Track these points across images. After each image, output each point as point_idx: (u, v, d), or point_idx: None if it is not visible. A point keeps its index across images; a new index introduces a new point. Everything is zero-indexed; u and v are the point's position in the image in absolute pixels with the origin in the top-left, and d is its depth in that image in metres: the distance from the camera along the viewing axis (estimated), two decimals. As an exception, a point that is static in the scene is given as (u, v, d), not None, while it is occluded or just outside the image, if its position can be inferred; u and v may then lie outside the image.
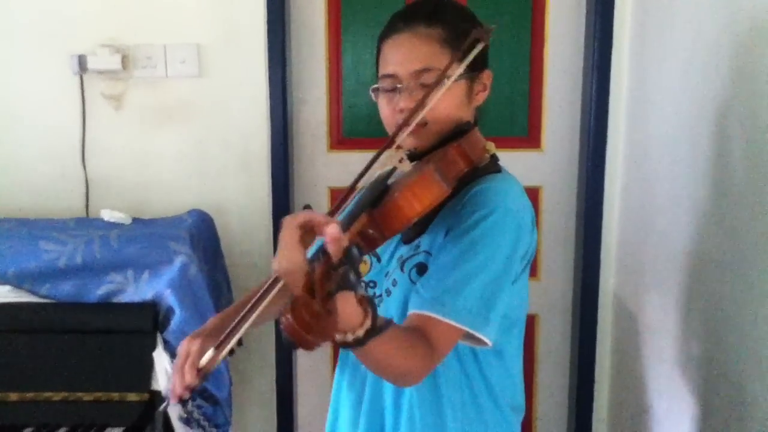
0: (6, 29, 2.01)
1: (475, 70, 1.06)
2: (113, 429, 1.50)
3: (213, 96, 2.04)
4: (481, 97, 1.10)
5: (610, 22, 1.99)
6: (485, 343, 0.94)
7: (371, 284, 1.11)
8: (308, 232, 0.74)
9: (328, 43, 2.11)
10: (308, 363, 2.26)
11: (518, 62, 2.12)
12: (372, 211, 0.87)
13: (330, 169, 2.17)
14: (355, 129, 2.15)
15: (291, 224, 0.73)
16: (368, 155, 1.08)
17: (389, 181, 0.95)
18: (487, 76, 1.10)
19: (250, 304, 0.87)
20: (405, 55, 1.03)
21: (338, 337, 0.74)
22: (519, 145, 2.15)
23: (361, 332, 0.74)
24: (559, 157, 2.16)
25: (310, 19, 2.10)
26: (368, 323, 0.74)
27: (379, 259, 1.11)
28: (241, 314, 0.88)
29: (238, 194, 2.08)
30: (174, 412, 1.58)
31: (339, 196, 1.83)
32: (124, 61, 1.98)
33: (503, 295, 0.96)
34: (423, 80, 1.02)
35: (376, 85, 1.08)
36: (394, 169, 0.96)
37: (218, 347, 0.90)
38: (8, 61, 2.03)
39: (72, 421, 1.52)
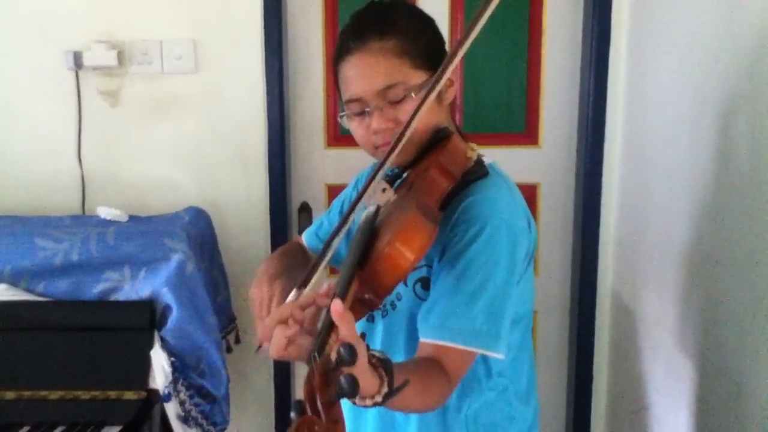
0: (1, 25, 2.00)
1: (437, 68, 1.02)
2: (110, 427, 1.49)
3: (209, 92, 2.03)
4: (450, 94, 1.07)
5: (608, 17, 1.98)
6: (497, 356, 0.94)
7: None
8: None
9: (324, 38, 2.10)
10: (306, 360, 2.25)
11: (516, 58, 2.11)
12: (362, 273, 0.83)
13: (327, 165, 2.16)
14: (352, 125, 2.13)
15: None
16: (365, 152, 1.08)
17: (376, 223, 0.92)
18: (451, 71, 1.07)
19: (327, 241, 0.88)
20: (365, 75, 1.00)
21: (358, 401, 0.73)
22: (517, 142, 2.14)
23: (379, 398, 0.73)
24: (557, 154, 2.15)
25: (307, 14, 2.09)
26: (385, 389, 0.73)
27: None
28: (320, 252, 0.88)
29: (235, 191, 2.08)
30: (172, 410, 1.57)
31: (336, 193, 1.80)
32: (120, 56, 1.97)
33: (509, 306, 0.95)
34: (389, 97, 0.99)
35: (343, 112, 1.05)
36: (378, 209, 0.93)
37: (300, 287, 0.89)
38: (3, 58, 2.02)
39: (69, 419, 1.51)
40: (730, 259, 1.31)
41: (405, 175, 1.05)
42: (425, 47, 1.02)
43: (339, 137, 2.15)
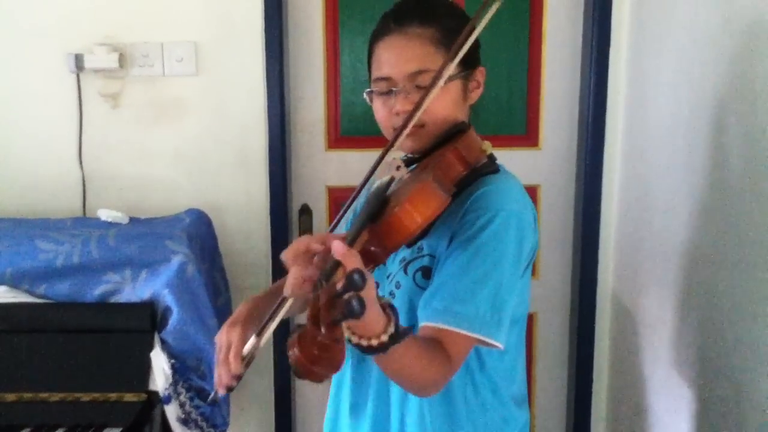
0: (2, 28, 2.00)
1: (468, 67, 1.05)
2: (111, 429, 1.49)
3: (210, 94, 2.03)
4: (475, 95, 1.10)
5: (608, 19, 1.99)
6: (496, 346, 0.95)
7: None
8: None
9: (325, 40, 2.10)
10: (306, 362, 2.25)
11: (516, 60, 2.11)
12: (372, 227, 0.87)
13: (328, 167, 2.16)
14: (352, 127, 2.14)
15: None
16: (366, 154, 1.09)
17: (388, 192, 0.95)
18: (480, 73, 1.09)
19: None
20: (399, 57, 1.03)
21: (363, 342, 0.76)
22: (517, 144, 2.14)
23: (385, 337, 0.76)
24: (557, 156, 2.15)
25: (308, 17, 2.09)
26: (391, 329, 0.76)
27: None
28: (280, 298, 0.88)
29: (235, 193, 2.08)
30: (172, 412, 1.57)
31: (337, 196, 1.82)
32: (121, 59, 1.97)
33: (512, 297, 0.96)
34: (418, 82, 1.01)
35: (370, 89, 1.08)
36: (392, 179, 0.96)
37: (260, 334, 0.90)
38: (4, 60, 2.02)
39: (70, 421, 1.51)
40: (730, 259, 1.31)
41: (417, 165, 1.07)
42: (461, 42, 1.03)
43: (340, 139, 2.15)
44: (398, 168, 0.96)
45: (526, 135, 2.15)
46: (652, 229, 1.76)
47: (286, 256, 0.86)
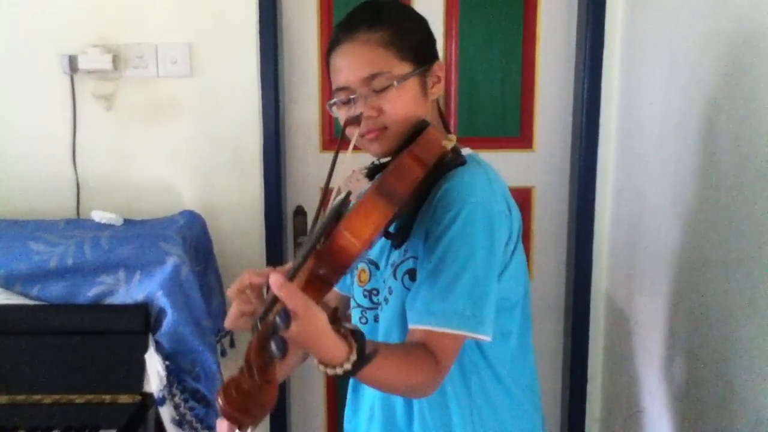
0: (-5, 29, 2.00)
1: (425, 63, 1.06)
2: (105, 431, 1.49)
3: (205, 96, 2.03)
4: (437, 90, 1.10)
5: (602, 22, 2.00)
6: (483, 339, 0.95)
7: (374, 292, 1.11)
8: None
9: (320, 41, 2.10)
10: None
11: (510, 62, 2.12)
12: (318, 251, 0.85)
13: (322, 169, 2.16)
14: (347, 129, 2.14)
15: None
16: (360, 156, 1.09)
17: (343, 209, 0.94)
18: (438, 68, 1.09)
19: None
20: (351, 64, 1.04)
21: (329, 371, 0.77)
22: (511, 145, 2.15)
23: (348, 365, 0.77)
24: (551, 157, 2.16)
25: (302, 19, 2.10)
26: (353, 356, 0.77)
27: (377, 266, 1.11)
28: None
29: (230, 194, 2.08)
30: (166, 413, 1.57)
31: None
32: (115, 60, 1.97)
33: (492, 287, 0.96)
34: (374, 86, 1.02)
35: (332, 101, 1.09)
36: (348, 194, 0.96)
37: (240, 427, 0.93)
38: (-2, 61, 2.02)
39: (64, 423, 1.50)
40: (723, 261, 1.32)
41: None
42: (413, 41, 1.05)
43: (334, 141, 2.15)
44: (358, 181, 0.97)
45: (520, 137, 2.16)
46: (645, 231, 1.76)
47: (230, 292, 0.89)
